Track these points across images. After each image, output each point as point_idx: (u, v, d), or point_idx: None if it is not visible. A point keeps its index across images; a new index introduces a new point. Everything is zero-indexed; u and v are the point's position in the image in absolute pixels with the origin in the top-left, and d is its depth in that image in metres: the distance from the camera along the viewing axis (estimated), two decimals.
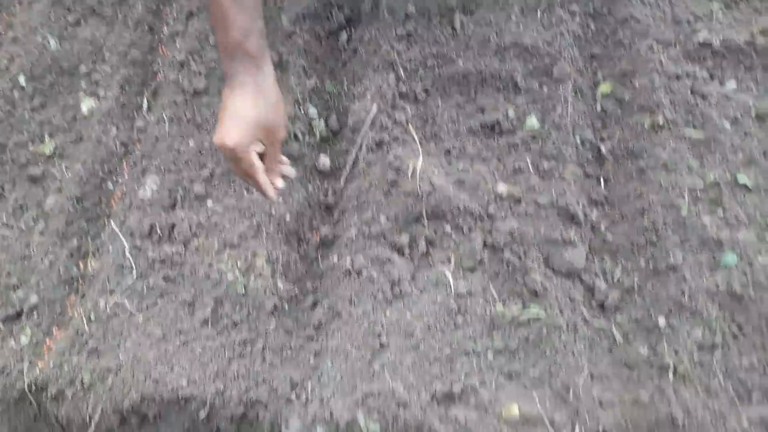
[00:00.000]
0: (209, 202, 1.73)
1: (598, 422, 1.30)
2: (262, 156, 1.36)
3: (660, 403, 1.31)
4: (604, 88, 1.79)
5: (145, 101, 1.98)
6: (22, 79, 1.99)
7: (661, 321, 1.43)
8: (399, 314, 1.49)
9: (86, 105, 1.94)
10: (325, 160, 1.78)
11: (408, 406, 1.32)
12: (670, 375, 1.34)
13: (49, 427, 1.51)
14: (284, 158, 1.52)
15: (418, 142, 1.72)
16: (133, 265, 1.62)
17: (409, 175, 1.64)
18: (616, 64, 1.81)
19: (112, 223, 1.71)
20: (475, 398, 1.35)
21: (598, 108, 1.79)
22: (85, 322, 1.54)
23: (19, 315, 1.59)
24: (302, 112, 1.82)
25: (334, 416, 1.33)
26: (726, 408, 1.32)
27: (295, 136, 1.77)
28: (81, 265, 1.70)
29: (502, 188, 1.64)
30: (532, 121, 1.72)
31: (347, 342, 1.46)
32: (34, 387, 1.47)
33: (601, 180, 1.68)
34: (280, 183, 1.45)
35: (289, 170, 1.53)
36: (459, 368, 1.39)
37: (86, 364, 1.48)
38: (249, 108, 1.25)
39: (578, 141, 1.71)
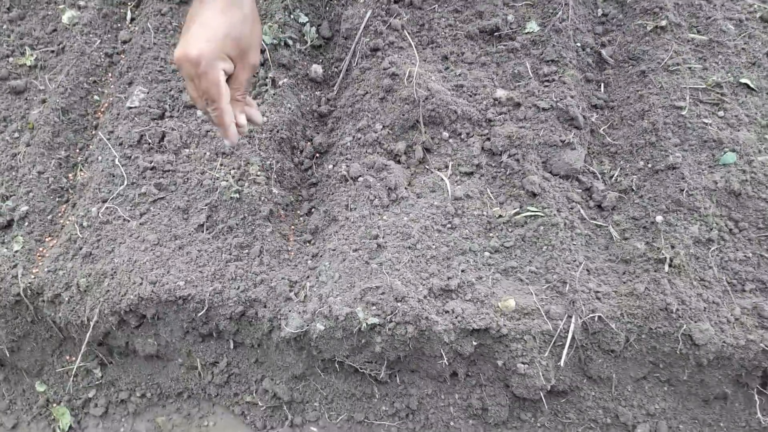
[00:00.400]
0: (198, 112, 1.76)
1: (594, 312, 1.38)
2: (228, 80, 1.18)
3: (655, 294, 1.39)
4: None
5: (128, 12, 1.99)
6: None
7: (659, 218, 1.50)
8: (396, 218, 1.55)
9: (67, 16, 1.95)
10: (317, 69, 1.82)
11: (406, 300, 1.39)
12: (666, 267, 1.42)
13: (47, 330, 1.58)
14: (252, 100, 1.36)
15: (414, 47, 1.75)
16: (123, 173, 1.66)
17: (405, 81, 1.68)
18: None
19: (100, 133, 1.75)
20: (472, 292, 1.42)
21: (599, 12, 1.82)
22: (77, 228, 1.59)
23: (9, 224, 1.64)
24: (292, 18, 1.84)
25: (333, 311, 1.40)
26: (719, 297, 1.40)
27: (286, 43, 1.80)
28: (70, 176, 1.74)
29: (501, 93, 1.69)
30: (532, 26, 1.75)
31: (345, 244, 1.52)
32: (29, 292, 1.53)
33: (602, 84, 1.73)
34: (243, 121, 1.25)
35: (257, 114, 1.32)
36: (456, 266, 1.47)
37: (81, 268, 1.54)
38: (218, 17, 1.10)
39: (578, 46, 1.75)
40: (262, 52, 1.79)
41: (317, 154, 1.74)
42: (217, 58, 1.11)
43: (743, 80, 1.63)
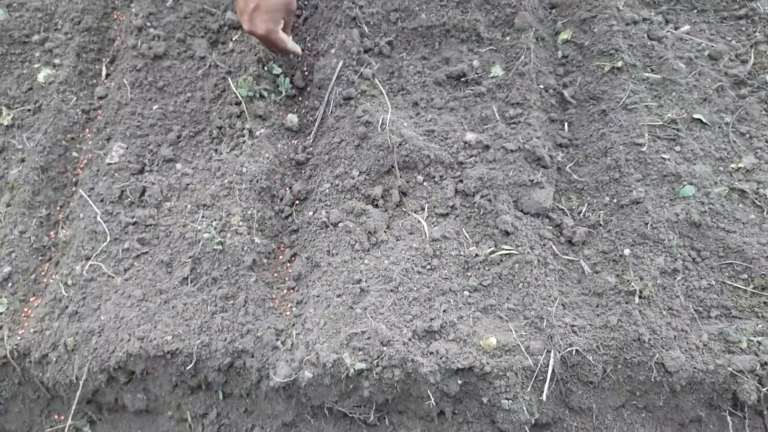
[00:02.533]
0: (178, 165, 1.82)
1: (571, 346, 1.46)
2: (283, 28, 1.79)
3: (628, 325, 1.48)
4: (565, 35, 1.94)
5: (104, 68, 2.04)
6: None
7: (627, 251, 1.59)
8: (377, 261, 1.62)
9: (42, 74, 1.99)
10: (292, 118, 1.89)
11: (391, 344, 1.45)
12: (636, 299, 1.51)
13: (34, 390, 1.60)
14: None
15: (385, 95, 1.84)
16: (106, 230, 1.70)
17: (379, 128, 1.76)
18: (575, 11, 1.96)
19: (81, 190, 1.79)
20: (454, 332, 1.49)
21: (560, 54, 1.94)
22: (62, 287, 1.62)
23: None
24: (265, 70, 1.91)
25: (321, 358, 1.45)
26: (687, 325, 1.50)
27: (261, 95, 1.87)
28: (52, 234, 1.77)
29: (470, 136, 1.78)
30: (497, 70, 1.86)
31: (328, 290, 1.58)
32: (16, 353, 1.55)
33: (565, 123, 1.84)
34: (298, 47, 1.90)
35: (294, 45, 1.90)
36: (437, 306, 1.53)
37: (68, 327, 1.56)
38: None
39: (542, 87, 1.85)
40: (238, 104, 1.87)
41: (297, 201, 1.81)
42: (278, 28, 1.76)
43: (696, 116, 1.75)
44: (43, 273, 1.72)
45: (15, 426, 1.64)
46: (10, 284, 1.66)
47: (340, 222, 1.68)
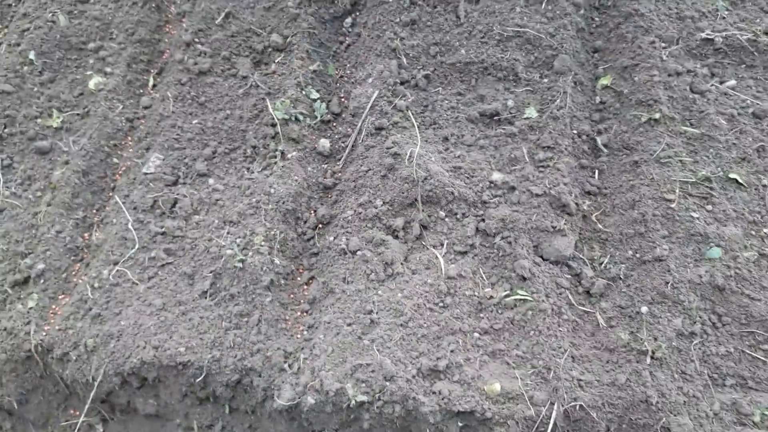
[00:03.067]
0: (210, 180, 1.88)
1: (575, 400, 1.44)
2: None
3: (636, 385, 1.45)
4: (605, 80, 1.92)
5: (151, 79, 2.13)
6: (31, 54, 2.15)
7: (644, 309, 1.56)
8: (390, 293, 1.63)
9: (93, 81, 2.09)
10: (324, 143, 1.93)
11: (394, 379, 1.46)
12: (648, 359, 1.48)
13: (54, 385, 1.68)
14: None
15: (416, 128, 1.86)
16: (135, 237, 1.78)
17: (406, 160, 1.78)
18: (618, 58, 1.94)
19: (117, 196, 1.87)
20: (459, 374, 1.49)
21: (597, 100, 1.92)
22: (89, 289, 1.70)
23: (26, 281, 1.75)
24: (303, 94, 1.96)
25: (324, 386, 1.48)
26: (700, 392, 1.46)
27: (296, 118, 1.92)
28: (86, 236, 1.86)
29: (497, 176, 1.78)
30: (531, 112, 1.85)
31: (339, 317, 1.61)
32: (40, 348, 1.63)
33: (596, 171, 1.82)
34: None
35: None
36: (445, 346, 1.54)
37: (90, 329, 1.64)
38: None
39: (575, 133, 1.84)
40: (273, 125, 1.92)
41: (320, 225, 1.84)
42: None
43: (732, 175, 1.71)
44: (74, 273, 1.80)
45: (34, 416, 1.72)
46: (42, 281, 1.74)
47: (358, 250, 1.71)
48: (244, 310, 1.65)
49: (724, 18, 1.97)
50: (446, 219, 1.75)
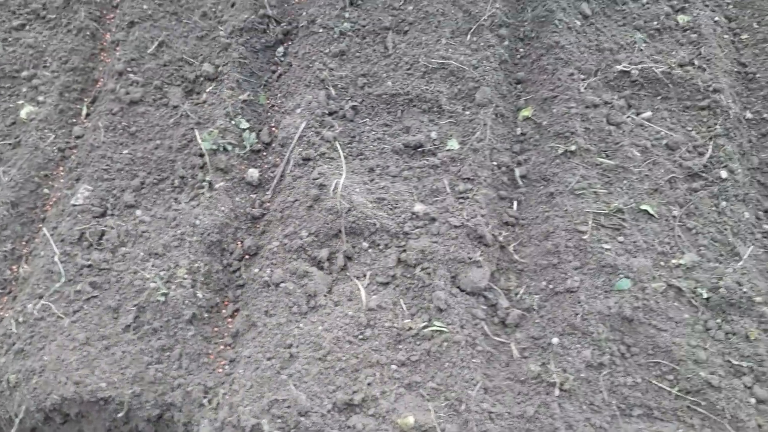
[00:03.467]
0: (138, 212, 1.89)
1: None
2: None
3: (545, 417, 1.49)
4: (526, 112, 1.96)
5: (84, 108, 2.13)
6: None
7: (555, 340, 1.60)
8: (311, 326, 1.65)
9: (25, 110, 2.08)
10: (253, 173, 1.94)
11: (309, 415, 1.48)
12: (557, 391, 1.52)
13: None
14: None
15: (343, 159, 1.88)
16: (62, 270, 1.77)
17: (332, 192, 1.80)
18: (539, 90, 1.99)
19: (45, 229, 1.87)
20: (375, 408, 1.52)
21: (518, 131, 1.96)
22: (13, 324, 1.69)
23: None
24: (233, 124, 1.97)
25: (241, 422, 1.49)
26: (607, 422, 1.50)
27: (225, 148, 1.93)
28: (14, 268, 1.85)
29: (419, 207, 1.81)
30: (453, 143, 1.89)
31: (260, 351, 1.62)
32: None
33: (515, 202, 1.86)
34: None
35: None
36: (362, 379, 1.56)
37: (12, 364, 1.63)
38: None
39: (495, 164, 1.88)
40: (202, 156, 1.93)
41: (247, 256, 1.85)
42: None
43: (644, 206, 1.75)
44: (1, 306, 1.80)
45: None
46: None
47: (282, 282, 1.73)
48: (166, 344, 1.66)
49: (641, 50, 2.02)
50: (369, 250, 1.78)
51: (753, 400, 1.50)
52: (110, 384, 1.59)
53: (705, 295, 1.63)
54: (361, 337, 1.64)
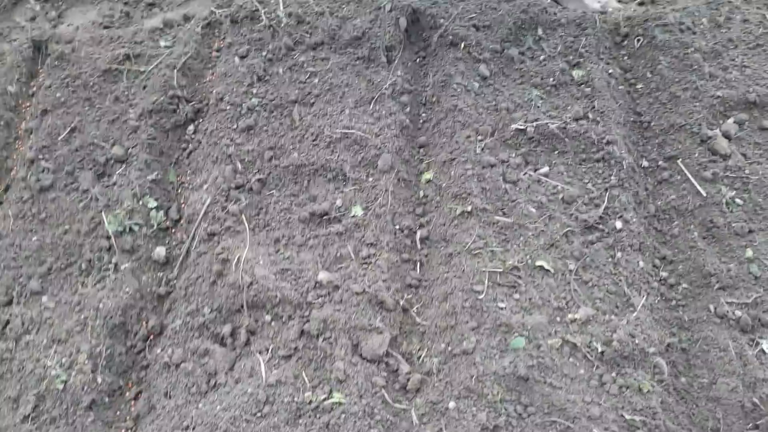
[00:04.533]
0: (44, 298, 1.88)
1: None
2: None
3: None
4: (427, 175, 2.00)
5: None
6: None
7: (452, 404, 1.58)
8: (210, 407, 1.63)
9: None
10: (160, 251, 1.95)
11: None
12: None
13: None
14: None
15: (248, 232, 1.90)
16: None
17: (234, 266, 1.81)
18: (439, 153, 2.03)
19: None
20: None
21: (421, 194, 1.99)
22: None
23: None
24: (141, 204, 2.00)
25: None
26: None
27: (131, 229, 1.95)
28: None
29: (323, 276, 1.82)
30: (357, 210, 1.91)
31: None
32: None
33: (417, 264, 1.87)
34: None
35: None
36: None
37: None
38: None
39: (397, 228, 1.90)
40: (108, 238, 1.94)
41: (152, 336, 1.84)
42: None
43: (539, 262, 1.77)
44: None
45: None
46: None
47: (182, 362, 1.71)
48: None
49: (538, 107, 2.08)
50: (272, 323, 1.78)
51: None
52: None
53: (600, 349, 1.62)
54: (259, 414, 1.61)
